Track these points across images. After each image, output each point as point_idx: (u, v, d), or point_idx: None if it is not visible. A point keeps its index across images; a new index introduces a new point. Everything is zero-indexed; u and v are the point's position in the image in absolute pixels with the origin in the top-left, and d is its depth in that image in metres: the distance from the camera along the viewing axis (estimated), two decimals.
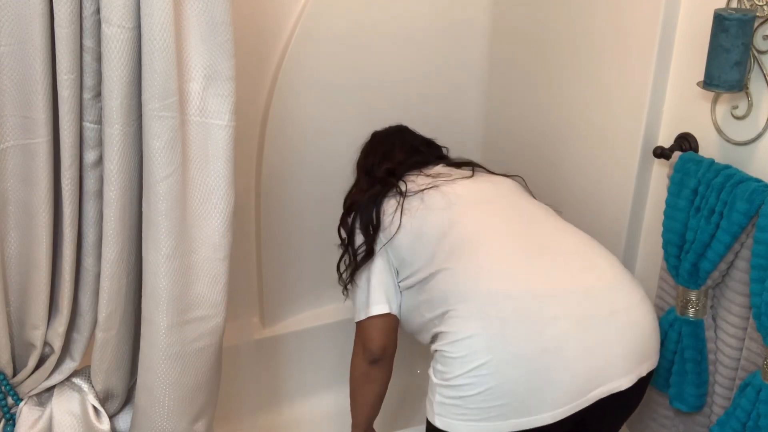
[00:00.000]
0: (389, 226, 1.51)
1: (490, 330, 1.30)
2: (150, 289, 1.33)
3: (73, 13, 1.17)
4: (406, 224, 1.49)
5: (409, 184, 1.56)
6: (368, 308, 1.53)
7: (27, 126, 1.23)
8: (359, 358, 1.59)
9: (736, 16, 1.30)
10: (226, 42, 1.26)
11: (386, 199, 1.55)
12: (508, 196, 1.58)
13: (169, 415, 1.41)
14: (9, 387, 1.41)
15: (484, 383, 1.28)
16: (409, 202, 1.52)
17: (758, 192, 1.33)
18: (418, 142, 1.78)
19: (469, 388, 1.29)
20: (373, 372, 1.59)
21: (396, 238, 1.49)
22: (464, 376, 1.29)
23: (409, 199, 1.52)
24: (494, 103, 2.15)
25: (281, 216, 2.05)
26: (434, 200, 1.51)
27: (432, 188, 1.53)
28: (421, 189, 1.54)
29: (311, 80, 1.94)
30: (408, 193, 1.53)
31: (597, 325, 1.33)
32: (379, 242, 1.52)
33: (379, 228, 1.52)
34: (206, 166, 1.32)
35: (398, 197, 1.53)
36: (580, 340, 1.31)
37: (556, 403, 1.28)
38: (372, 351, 1.55)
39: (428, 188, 1.53)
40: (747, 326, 1.42)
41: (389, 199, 1.55)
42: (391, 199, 1.54)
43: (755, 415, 1.37)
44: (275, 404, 2.17)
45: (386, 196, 1.55)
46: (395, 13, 1.98)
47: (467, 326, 1.32)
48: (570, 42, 1.79)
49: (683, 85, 1.53)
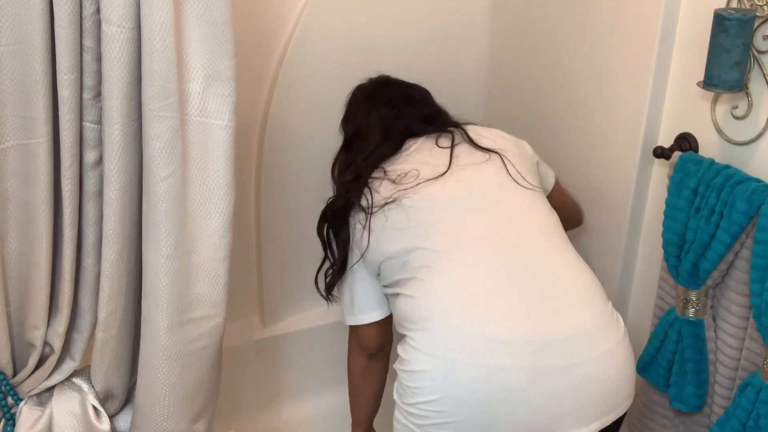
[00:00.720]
0: (360, 241, 1.46)
1: (438, 369, 1.27)
2: (150, 289, 1.33)
3: (73, 13, 1.17)
4: (373, 244, 1.43)
5: (374, 194, 1.45)
6: (359, 316, 1.51)
7: (27, 126, 1.23)
8: (356, 355, 1.59)
9: (736, 16, 1.30)
10: (226, 42, 1.26)
11: (354, 213, 1.47)
12: (484, 199, 1.42)
13: (169, 415, 1.41)
14: (9, 387, 1.41)
15: (431, 418, 1.28)
16: (374, 220, 1.43)
17: (758, 192, 1.33)
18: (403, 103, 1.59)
19: (421, 419, 1.29)
20: (372, 366, 1.59)
21: (367, 255, 1.45)
22: (415, 406, 1.30)
23: (374, 216, 1.43)
24: (494, 103, 2.14)
25: (281, 216, 2.05)
26: (396, 219, 1.41)
27: (394, 202, 1.42)
28: (384, 203, 1.43)
29: (311, 80, 1.94)
30: (374, 208, 1.44)
31: (548, 378, 1.25)
32: (355, 256, 1.48)
33: (350, 244, 1.48)
34: (206, 166, 1.32)
35: (362, 214, 1.45)
36: (527, 394, 1.24)
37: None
38: (369, 347, 1.55)
39: (390, 202, 1.42)
40: (747, 326, 1.42)
41: (357, 213, 1.47)
42: (359, 213, 1.46)
43: (755, 415, 1.36)
44: (275, 404, 2.17)
45: (353, 209, 1.47)
46: (395, 13, 1.98)
47: (418, 359, 1.30)
48: (570, 42, 1.79)
49: (683, 85, 1.53)
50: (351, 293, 1.51)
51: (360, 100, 1.65)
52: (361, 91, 1.68)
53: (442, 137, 1.52)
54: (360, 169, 1.50)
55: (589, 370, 1.27)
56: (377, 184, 1.47)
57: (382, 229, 1.42)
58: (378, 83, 1.67)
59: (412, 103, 1.61)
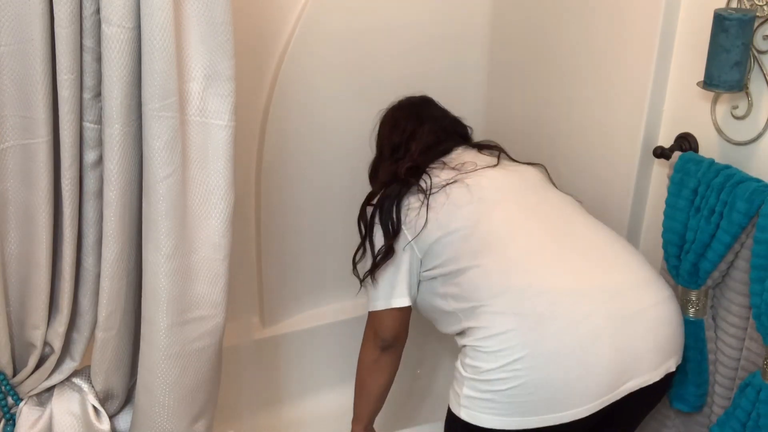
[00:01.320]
0: (415, 221, 1.49)
1: (525, 325, 1.32)
2: (150, 289, 1.33)
3: (73, 13, 1.17)
4: (432, 220, 1.48)
5: (433, 178, 1.54)
6: (389, 300, 1.53)
7: (27, 126, 1.23)
8: (370, 344, 1.60)
9: (736, 16, 1.30)
10: (226, 42, 1.26)
11: (408, 196, 1.53)
12: (534, 187, 1.57)
13: (169, 415, 1.41)
14: (9, 387, 1.41)
15: (518, 378, 1.29)
16: (434, 199, 1.50)
17: (758, 192, 1.33)
18: (447, 121, 1.74)
19: (503, 383, 1.30)
20: (383, 358, 1.60)
21: (422, 234, 1.48)
22: (498, 371, 1.31)
23: (434, 195, 1.50)
24: (494, 104, 2.14)
25: (281, 216, 2.05)
26: (459, 195, 1.49)
27: (456, 182, 1.51)
28: (445, 183, 1.52)
29: (311, 80, 1.94)
30: (433, 189, 1.51)
31: (627, 321, 1.35)
32: (403, 238, 1.50)
33: (400, 228, 1.51)
34: (206, 166, 1.32)
35: (421, 194, 1.51)
36: (611, 336, 1.32)
37: (589, 397, 1.31)
38: (385, 338, 1.56)
39: (452, 182, 1.52)
40: (747, 326, 1.42)
41: (411, 196, 1.53)
42: (414, 195, 1.52)
43: (755, 415, 1.37)
44: (275, 404, 2.17)
45: (407, 195, 1.53)
46: (395, 13, 1.98)
47: (501, 321, 1.33)
48: (570, 42, 1.79)
49: (683, 85, 1.53)
50: (394, 276, 1.52)
51: (409, 109, 1.75)
52: (406, 103, 1.78)
53: (484, 149, 1.69)
54: (418, 161, 1.59)
55: (658, 313, 1.39)
56: (438, 171, 1.56)
57: (443, 205, 1.48)
58: (423, 103, 1.79)
59: (456, 122, 1.77)
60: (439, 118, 1.73)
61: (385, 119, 1.76)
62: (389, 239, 1.51)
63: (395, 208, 1.52)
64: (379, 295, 1.54)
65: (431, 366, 2.24)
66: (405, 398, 2.16)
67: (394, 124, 1.73)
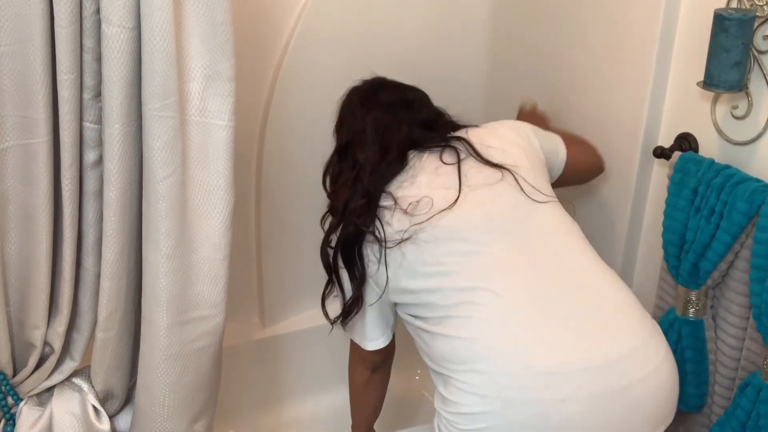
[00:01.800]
0: (376, 276, 1.38)
1: (493, 410, 1.21)
2: (150, 289, 1.33)
3: (73, 13, 1.17)
4: (392, 278, 1.36)
5: (386, 226, 1.36)
6: (365, 342, 1.48)
7: (27, 126, 1.23)
8: (358, 368, 1.58)
9: (736, 16, 1.30)
10: (226, 42, 1.26)
11: (365, 245, 1.38)
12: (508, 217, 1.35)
13: (169, 415, 1.41)
14: (9, 387, 1.41)
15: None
16: (390, 255, 1.35)
17: (758, 192, 1.33)
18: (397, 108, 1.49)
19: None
20: (374, 378, 1.58)
21: (387, 288, 1.37)
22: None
23: (391, 251, 1.34)
24: (494, 104, 2.14)
25: (281, 216, 2.05)
26: (415, 257, 1.33)
27: (410, 240, 1.33)
28: (399, 239, 1.33)
29: (311, 80, 1.94)
30: (388, 243, 1.35)
31: (608, 403, 1.22)
32: (371, 289, 1.40)
33: (365, 278, 1.39)
34: (206, 166, 1.32)
35: (376, 245, 1.36)
36: (588, 421, 1.21)
37: None
38: (373, 362, 1.54)
39: (406, 239, 1.33)
40: (747, 326, 1.42)
41: (369, 245, 1.37)
42: (371, 245, 1.37)
43: (755, 415, 1.37)
44: (275, 404, 2.17)
45: (365, 242, 1.37)
46: (395, 13, 1.98)
47: (472, 401, 1.23)
48: (570, 42, 1.79)
49: (683, 85, 1.53)
50: (363, 323, 1.46)
51: (354, 103, 1.53)
52: (355, 93, 1.56)
53: (446, 152, 1.42)
54: (368, 191, 1.39)
55: (646, 386, 1.25)
56: (389, 215, 1.36)
57: (400, 266, 1.34)
58: (373, 85, 1.57)
59: (410, 106, 1.51)
60: (391, 105, 1.49)
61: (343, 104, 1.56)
62: (357, 288, 1.40)
63: (358, 257, 1.38)
64: (354, 334, 1.49)
65: None
66: (403, 400, 2.16)
67: (341, 117, 1.55)
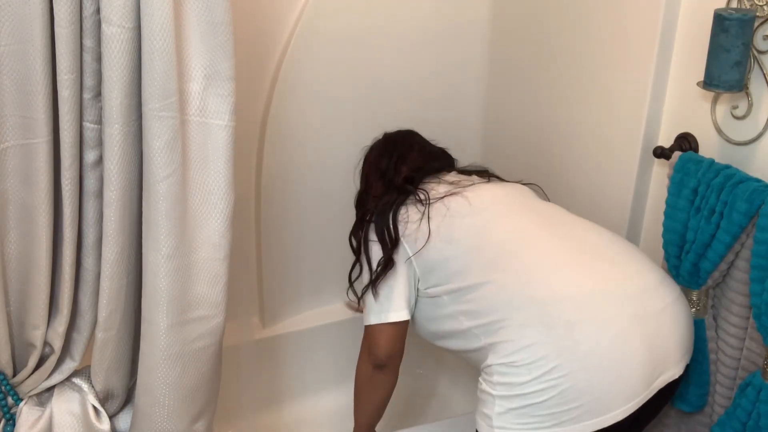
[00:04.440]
0: (414, 234, 1.45)
1: (556, 332, 1.29)
2: (150, 289, 1.33)
3: (73, 13, 1.17)
4: (434, 232, 1.44)
5: (430, 191, 1.51)
6: (386, 314, 1.48)
7: (27, 126, 1.23)
8: (364, 361, 1.57)
9: (736, 16, 1.30)
10: (226, 42, 1.26)
11: (404, 207, 1.50)
12: (531, 200, 1.56)
13: (169, 415, 1.41)
14: (9, 387, 1.41)
15: (556, 387, 1.26)
16: (433, 209, 1.47)
17: (758, 192, 1.33)
18: (435, 148, 1.74)
19: (541, 394, 1.26)
20: (377, 377, 1.57)
21: (423, 249, 1.44)
22: (534, 383, 1.27)
23: (433, 206, 1.47)
24: (494, 105, 2.14)
25: (281, 216, 2.05)
26: (460, 207, 1.46)
27: (454, 194, 1.49)
28: (443, 195, 1.49)
29: (311, 80, 1.94)
30: (431, 200, 1.48)
31: (651, 319, 1.34)
32: (403, 251, 1.47)
33: (398, 238, 1.47)
34: (206, 166, 1.32)
35: (419, 205, 1.48)
36: (641, 334, 1.31)
37: (627, 397, 1.29)
38: (377, 356, 1.53)
39: (450, 195, 1.49)
40: (747, 326, 1.42)
41: (409, 207, 1.49)
42: (412, 207, 1.49)
43: (756, 415, 1.37)
44: (275, 404, 2.17)
45: (404, 204, 1.50)
46: (395, 13, 1.98)
47: (530, 333, 1.30)
48: (570, 42, 1.79)
49: (683, 85, 1.53)
50: (390, 291, 1.48)
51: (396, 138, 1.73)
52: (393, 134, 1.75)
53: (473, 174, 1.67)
54: (412, 174, 1.57)
55: (675, 310, 1.38)
56: (434, 185, 1.54)
57: (444, 217, 1.45)
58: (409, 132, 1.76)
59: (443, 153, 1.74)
60: (426, 146, 1.73)
61: (370, 150, 1.74)
62: (388, 251, 1.47)
63: (392, 218, 1.48)
64: (374, 309, 1.50)
65: (432, 365, 2.25)
66: (406, 398, 2.16)
67: (380, 153, 1.70)
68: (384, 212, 1.50)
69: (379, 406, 1.64)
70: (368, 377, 1.58)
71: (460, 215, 1.45)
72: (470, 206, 1.47)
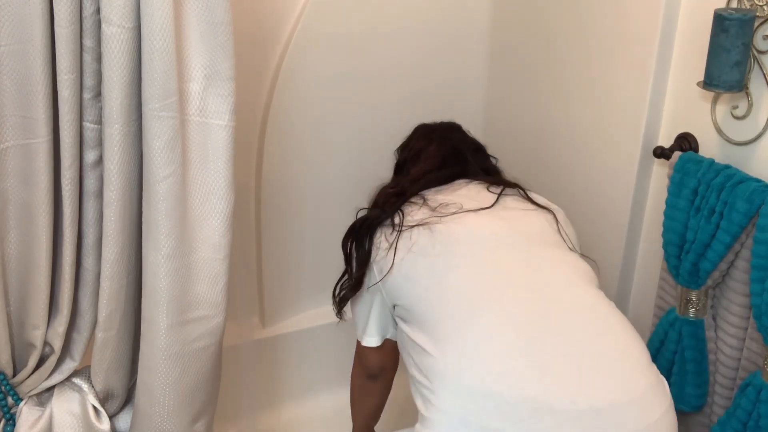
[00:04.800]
0: (382, 262, 1.37)
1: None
2: (150, 289, 1.33)
3: (73, 13, 1.17)
4: (396, 266, 1.33)
5: (406, 215, 1.39)
6: (363, 337, 1.47)
7: (27, 126, 1.23)
8: (357, 371, 1.57)
9: (736, 16, 1.30)
10: (226, 42, 1.26)
11: (380, 230, 1.39)
12: (526, 241, 1.34)
13: (169, 415, 1.41)
14: (9, 387, 1.41)
15: None
16: (401, 240, 1.34)
17: (758, 192, 1.33)
18: (465, 145, 1.59)
19: None
20: (369, 386, 1.57)
21: (388, 277, 1.35)
22: None
23: (402, 235, 1.35)
24: (494, 104, 2.15)
25: (281, 216, 2.05)
26: (424, 244, 1.32)
27: (424, 226, 1.34)
28: (413, 225, 1.35)
29: (311, 80, 1.94)
30: (403, 227, 1.36)
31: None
32: (372, 277, 1.39)
33: (369, 262, 1.39)
34: (206, 166, 1.32)
35: (392, 230, 1.37)
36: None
37: None
38: (369, 368, 1.53)
39: (421, 225, 1.34)
40: (747, 326, 1.42)
41: (385, 230, 1.39)
42: (388, 230, 1.38)
43: (756, 415, 1.37)
44: (275, 404, 2.17)
45: (381, 226, 1.39)
46: (395, 13, 1.98)
47: (448, 424, 1.14)
48: (570, 42, 1.79)
49: (683, 85, 1.53)
50: (367, 313, 1.44)
51: (424, 132, 1.64)
52: (427, 127, 1.67)
53: (494, 186, 1.48)
54: (404, 188, 1.45)
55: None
56: (414, 209, 1.40)
57: (409, 251, 1.32)
58: (447, 127, 1.67)
59: (478, 150, 1.61)
60: (454, 140, 1.60)
61: (413, 132, 1.67)
62: (360, 270, 1.40)
63: (368, 240, 1.40)
64: (357, 327, 1.48)
65: None
66: (406, 397, 2.16)
67: (405, 143, 1.65)
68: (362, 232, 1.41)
69: (374, 412, 1.64)
70: (361, 385, 1.59)
71: (423, 254, 1.31)
72: (433, 246, 1.31)
